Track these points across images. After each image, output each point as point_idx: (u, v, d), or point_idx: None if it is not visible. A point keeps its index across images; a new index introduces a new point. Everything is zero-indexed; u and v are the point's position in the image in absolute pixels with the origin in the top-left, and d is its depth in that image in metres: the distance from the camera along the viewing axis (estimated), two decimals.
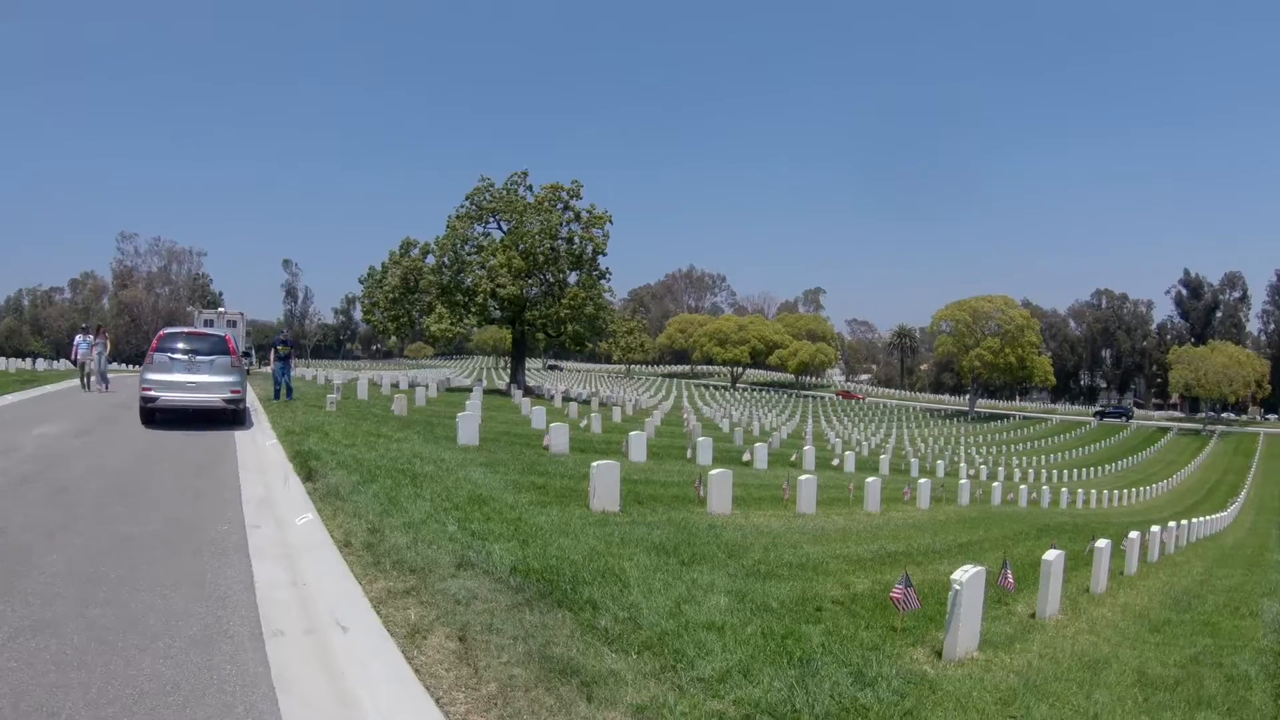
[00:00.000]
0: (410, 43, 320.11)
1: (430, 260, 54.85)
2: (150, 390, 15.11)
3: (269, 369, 23.64)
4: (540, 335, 57.78)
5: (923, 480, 24.35)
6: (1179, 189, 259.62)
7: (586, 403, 49.95)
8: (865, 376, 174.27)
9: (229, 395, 15.78)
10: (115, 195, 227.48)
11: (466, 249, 54.96)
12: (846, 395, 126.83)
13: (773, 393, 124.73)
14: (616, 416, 39.35)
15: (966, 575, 6.62)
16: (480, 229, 56.25)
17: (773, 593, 7.63)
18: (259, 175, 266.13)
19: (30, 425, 15.10)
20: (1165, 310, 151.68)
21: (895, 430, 77.85)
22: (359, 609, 5.47)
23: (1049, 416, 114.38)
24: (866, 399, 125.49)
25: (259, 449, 13.58)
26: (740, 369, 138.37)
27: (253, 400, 21.17)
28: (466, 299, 53.80)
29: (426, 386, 41.30)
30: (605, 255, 56.87)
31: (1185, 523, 25.46)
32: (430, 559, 6.51)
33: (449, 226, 55.11)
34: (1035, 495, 36.52)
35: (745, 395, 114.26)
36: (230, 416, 16.46)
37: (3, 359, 46.56)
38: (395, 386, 42.47)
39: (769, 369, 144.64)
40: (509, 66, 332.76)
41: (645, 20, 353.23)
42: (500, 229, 56.36)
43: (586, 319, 55.59)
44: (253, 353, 51.27)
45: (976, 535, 17.67)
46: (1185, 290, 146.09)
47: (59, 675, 4.14)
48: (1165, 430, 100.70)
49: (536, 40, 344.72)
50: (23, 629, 4.76)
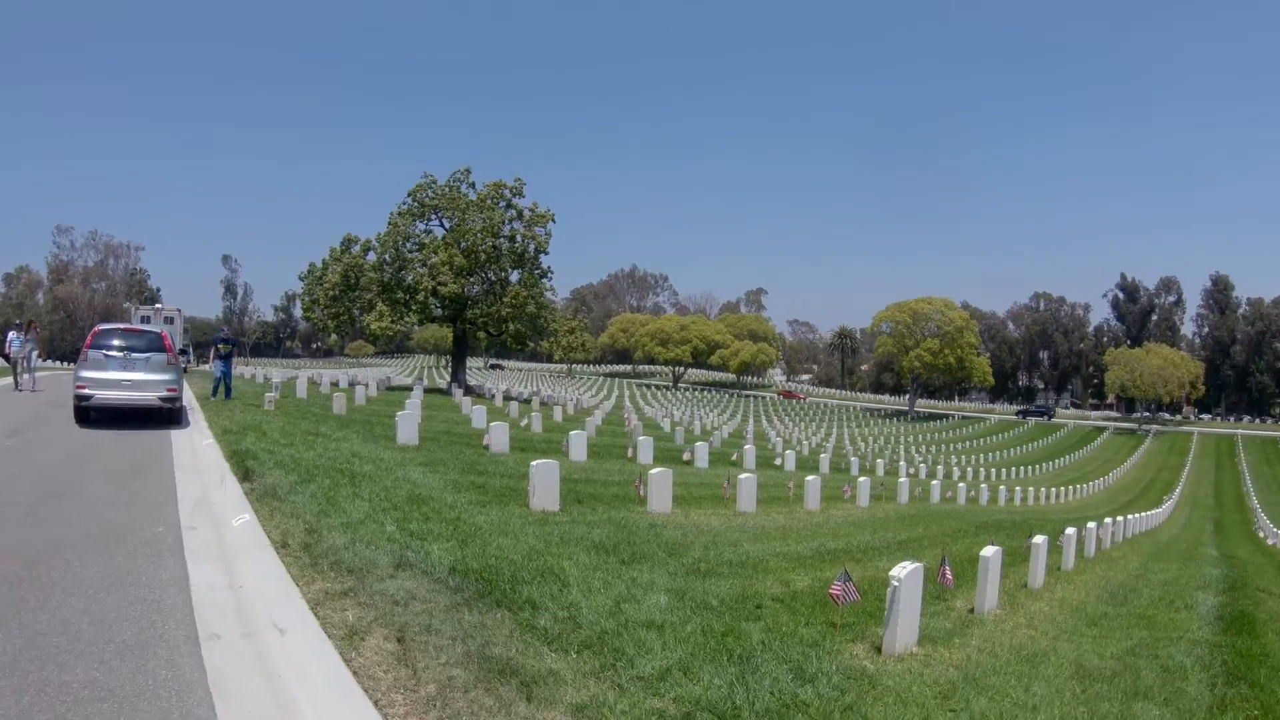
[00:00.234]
0: (351, 38, 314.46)
1: (371, 257, 53.88)
2: (84, 388, 14.67)
3: (208, 367, 23.09)
4: (482, 334, 57.23)
5: (862, 479, 24.58)
6: (1117, 195, 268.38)
7: (528, 402, 49.71)
8: (806, 376, 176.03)
9: (165, 394, 15.40)
10: (51, 188, 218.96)
11: (408, 246, 54.16)
12: (788, 395, 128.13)
13: (714, 392, 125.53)
14: (558, 416, 39.25)
15: (905, 571, 6.70)
16: (422, 226, 55.51)
17: (713, 591, 7.68)
18: (198, 169, 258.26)
19: None
20: (1102, 313, 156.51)
21: (836, 430, 78.95)
22: (296, 611, 5.41)
23: (987, 416, 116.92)
24: (807, 399, 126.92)
25: (196, 449, 13.29)
26: (682, 369, 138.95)
27: (190, 399, 20.65)
28: (407, 297, 53.05)
29: (366, 385, 40.72)
30: (547, 254, 56.61)
31: (1121, 519, 25.98)
32: (368, 559, 6.44)
33: (391, 223, 54.27)
34: (974, 493, 37.02)
35: (687, 395, 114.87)
36: (166, 415, 16.06)
37: None
38: (335, 385, 41.77)
39: (711, 369, 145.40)
40: (451, 61, 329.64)
41: (587, 17, 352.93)
42: (442, 226, 55.69)
43: (528, 318, 55.23)
44: (190, 350, 49.90)
45: (915, 532, 17.83)
46: (1122, 294, 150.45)
47: None
48: (1101, 430, 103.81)
49: (479, 36, 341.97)
50: None
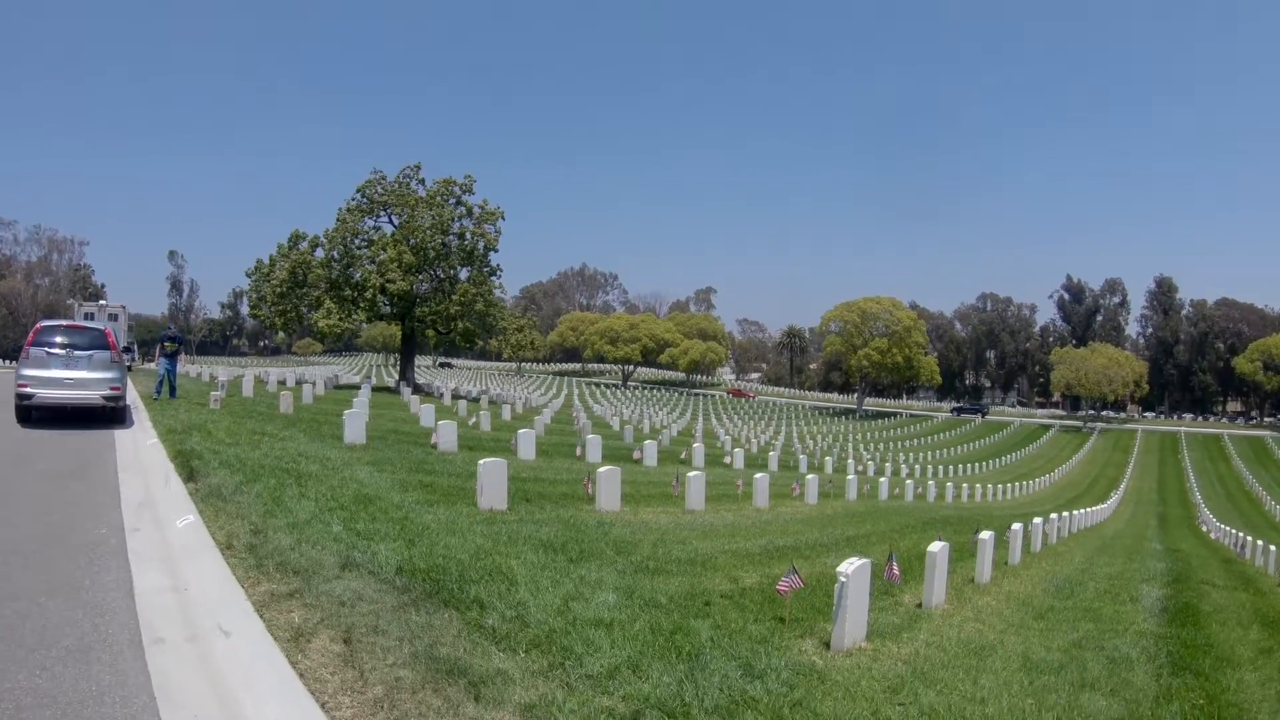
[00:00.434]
0: (301, 32, 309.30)
1: (319, 254, 52.92)
2: (25, 387, 14.31)
3: (153, 365, 22.55)
4: (430, 332, 56.62)
5: (811, 476, 24.64)
6: (1064, 198, 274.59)
7: (476, 400, 49.38)
8: (755, 375, 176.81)
9: (108, 393, 15.07)
10: None
11: (356, 243, 53.30)
12: (737, 393, 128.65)
13: (664, 391, 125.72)
14: (506, 414, 39.07)
15: (852, 567, 6.74)
16: (371, 223, 54.67)
17: (661, 588, 7.68)
18: (144, 163, 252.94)
19: None
20: (1048, 314, 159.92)
21: (785, 428, 79.32)
22: (242, 613, 5.35)
23: (935, 414, 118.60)
24: (757, 397, 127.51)
25: (139, 449, 13.03)
26: (631, 367, 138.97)
27: (134, 398, 20.21)
28: (355, 294, 52.24)
29: (314, 384, 40.18)
30: (497, 251, 56.13)
31: (1067, 514, 26.39)
32: (314, 560, 6.37)
33: (339, 219, 53.36)
34: (921, 490, 37.39)
35: (636, 393, 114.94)
36: (110, 415, 15.71)
37: None
38: (282, 384, 41.08)
39: (660, 367, 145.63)
40: (402, 57, 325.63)
41: (537, 14, 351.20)
42: (391, 223, 54.93)
43: (477, 316, 54.77)
44: (134, 348, 48.49)
45: (864, 529, 17.88)
46: (1068, 295, 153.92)
47: None
48: (1047, 427, 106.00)
49: (429, 32, 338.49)
50: None
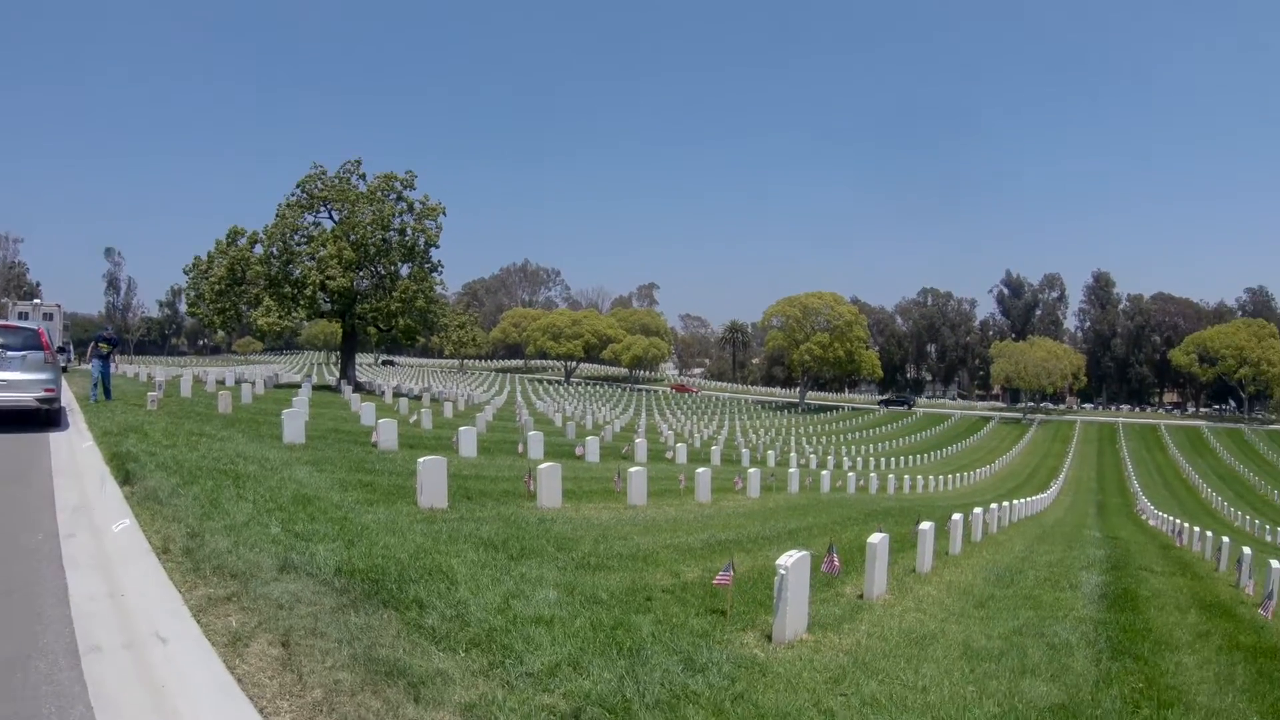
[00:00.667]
0: (239, 26, 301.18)
1: (258, 250, 51.66)
2: None
3: (88, 366, 21.83)
4: (372, 329, 55.83)
5: (753, 470, 24.62)
6: (1003, 194, 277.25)
7: (418, 398, 48.74)
8: (698, 370, 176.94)
9: (42, 394, 14.49)
10: None
11: (296, 239, 52.13)
12: (680, 389, 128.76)
13: (607, 387, 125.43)
14: (448, 412, 38.73)
15: (791, 560, 6.74)
16: (311, 218, 53.51)
17: (603, 584, 7.66)
18: (80, 158, 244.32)
19: None
20: (988, 308, 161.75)
21: (728, 422, 79.43)
22: (179, 618, 5.26)
23: (876, 408, 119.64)
24: (700, 392, 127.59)
25: (75, 451, 12.62)
26: (574, 363, 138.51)
27: (69, 399, 19.49)
28: (295, 291, 51.10)
29: (253, 383, 39.28)
30: (438, 247, 55.49)
31: (1007, 504, 26.47)
32: (252, 563, 6.27)
33: (279, 215, 52.09)
34: (863, 482, 37.64)
35: (579, 389, 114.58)
36: (44, 417, 15.12)
37: None
38: (221, 383, 40.01)
39: (603, 363, 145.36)
40: (342, 50, 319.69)
41: (475, 8, 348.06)
42: (331, 219, 53.85)
43: (418, 312, 54.07)
44: (70, 348, 46.76)
45: (806, 522, 17.79)
46: (1007, 290, 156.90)
47: None
48: (988, 419, 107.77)
49: (369, 27, 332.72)
50: None
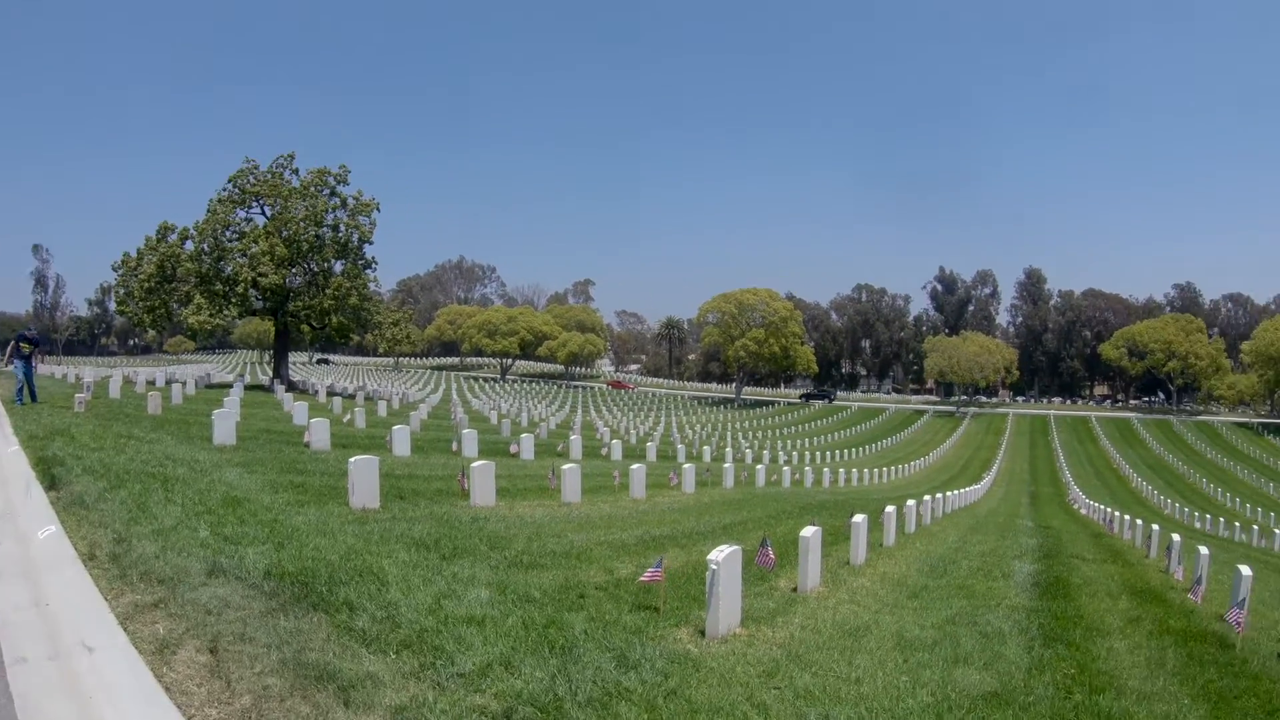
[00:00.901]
0: (168, 19, 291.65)
1: (189, 246, 50.02)
2: None
3: (10, 368, 20.90)
4: (305, 327, 54.58)
5: (688, 465, 24.62)
6: (936, 192, 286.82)
7: (352, 397, 47.80)
8: (635, 367, 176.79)
9: None
10: None
11: (228, 235, 50.58)
12: (617, 385, 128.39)
13: (543, 384, 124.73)
14: (382, 411, 38.10)
15: (723, 555, 6.71)
16: (243, 214, 51.94)
17: (535, 583, 7.63)
18: (3, 153, 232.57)
19: None
20: (922, 304, 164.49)
21: (664, 418, 79.14)
22: (105, 626, 5.15)
23: (812, 402, 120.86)
24: (636, 388, 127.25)
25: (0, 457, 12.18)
26: (510, 360, 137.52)
27: None
28: (227, 289, 49.58)
29: (184, 383, 38.16)
30: (371, 244, 54.47)
31: (941, 496, 26.72)
32: (180, 568, 6.15)
33: (210, 210, 50.45)
34: (799, 476, 37.69)
35: (515, 387, 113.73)
36: None
37: None
38: (151, 384, 38.76)
39: (539, 360, 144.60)
40: (273, 43, 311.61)
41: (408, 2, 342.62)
42: (264, 214, 52.40)
43: (351, 310, 52.98)
44: None
45: (740, 516, 17.75)
46: (940, 286, 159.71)
47: None
48: (922, 413, 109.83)
49: (303, 20, 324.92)
50: None
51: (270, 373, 65.17)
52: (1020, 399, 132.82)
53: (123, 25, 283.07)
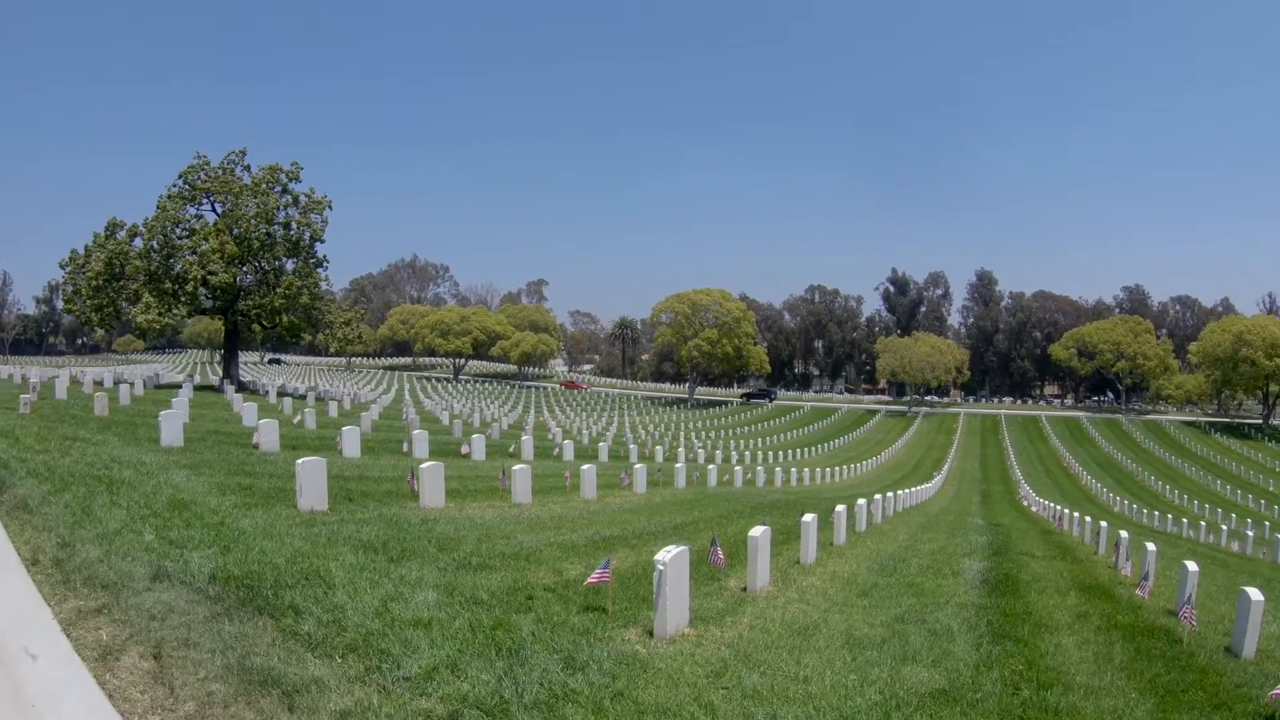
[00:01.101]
0: (121, 12, 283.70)
1: (138, 244, 48.68)
2: None
3: None
4: (255, 326, 53.50)
5: (639, 466, 24.52)
6: (889, 194, 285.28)
7: (303, 398, 46.94)
8: (588, 367, 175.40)
9: None
10: None
11: (178, 232, 49.18)
12: (570, 385, 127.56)
13: (496, 384, 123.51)
14: (333, 411, 37.60)
15: (670, 555, 6.72)
16: (193, 210, 50.55)
17: (483, 584, 7.62)
18: None
19: None
20: (874, 305, 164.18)
21: (617, 418, 78.54)
22: (49, 633, 5.10)
23: (753, 402, 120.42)
24: (590, 388, 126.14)
25: None
26: (463, 360, 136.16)
27: None
28: (176, 287, 48.24)
29: (132, 384, 37.28)
30: (323, 242, 53.20)
31: (892, 494, 26.57)
32: (124, 572, 6.10)
33: (159, 207, 49.07)
34: (751, 476, 37.59)
35: (468, 387, 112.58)
36: None
37: None
38: (98, 384, 37.85)
39: (492, 360, 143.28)
40: (225, 40, 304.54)
41: None
42: (214, 211, 51.12)
43: (302, 309, 51.94)
44: None
45: (692, 516, 17.64)
46: (893, 287, 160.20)
47: None
48: (874, 412, 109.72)
49: (255, 15, 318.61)
50: None
51: (220, 373, 63.83)
52: (971, 399, 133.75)
53: (71, 18, 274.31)
